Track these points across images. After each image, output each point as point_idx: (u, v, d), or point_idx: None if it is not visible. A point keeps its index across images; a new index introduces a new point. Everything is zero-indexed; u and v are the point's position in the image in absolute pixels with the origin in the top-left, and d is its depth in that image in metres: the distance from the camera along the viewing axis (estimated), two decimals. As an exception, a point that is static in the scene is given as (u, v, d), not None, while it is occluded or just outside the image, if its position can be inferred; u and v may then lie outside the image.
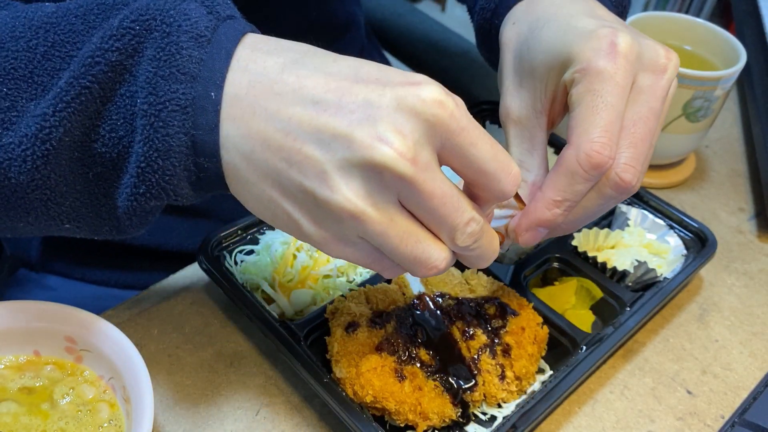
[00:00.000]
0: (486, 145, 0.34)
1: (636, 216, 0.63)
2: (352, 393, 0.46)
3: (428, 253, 0.35)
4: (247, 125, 0.33)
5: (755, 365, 0.56)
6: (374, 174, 0.31)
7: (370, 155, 0.31)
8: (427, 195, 0.32)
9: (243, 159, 0.34)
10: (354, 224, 0.33)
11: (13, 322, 0.45)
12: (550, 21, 0.45)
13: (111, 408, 0.44)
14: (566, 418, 0.51)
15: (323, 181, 0.32)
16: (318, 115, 0.32)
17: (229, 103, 0.34)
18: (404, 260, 0.35)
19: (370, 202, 0.32)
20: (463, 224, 0.34)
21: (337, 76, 0.33)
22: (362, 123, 0.31)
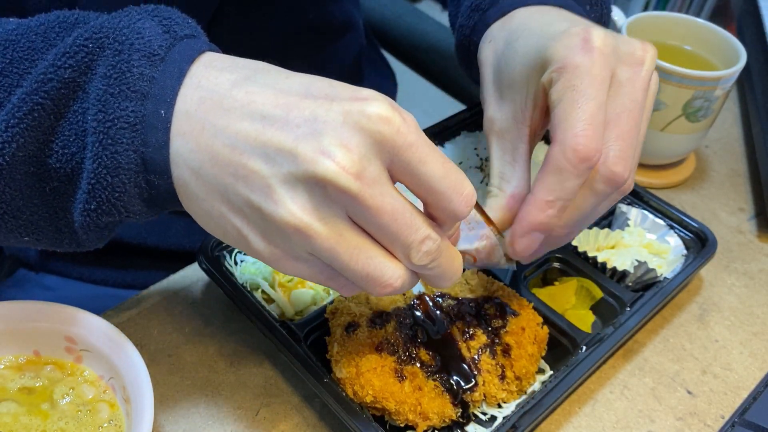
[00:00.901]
0: (436, 163, 0.33)
1: (636, 216, 0.63)
2: (352, 393, 0.46)
3: (381, 270, 0.34)
4: (196, 140, 0.34)
5: (755, 365, 0.56)
6: (318, 188, 0.31)
7: (313, 169, 0.31)
8: (375, 210, 0.32)
9: (192, 174, 0.34)
10: (301, 239, 0.32)
11: (12, 322, 0.45)
12: (524, 32, 0.45)
13: (111, 408, 0.44)
14: (566, 418, 0.51)
15: (268, 195, 0.32)
16: (264, 129, 0.32)
17: (180, 119, 0.34)
18: (357, 277, 0.34)
19: (316, 217, 0.32)
20: (417, 242, 0.33)
21: (287, 92, 0.33)
22: (307, 137, 0.31)
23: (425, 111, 2.74)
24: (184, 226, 0.68)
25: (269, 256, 0.35)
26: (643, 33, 0.71)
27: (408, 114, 0.33)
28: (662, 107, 0.67)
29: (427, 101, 2.42)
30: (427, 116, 2.50)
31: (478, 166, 0.64)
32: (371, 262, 0.34)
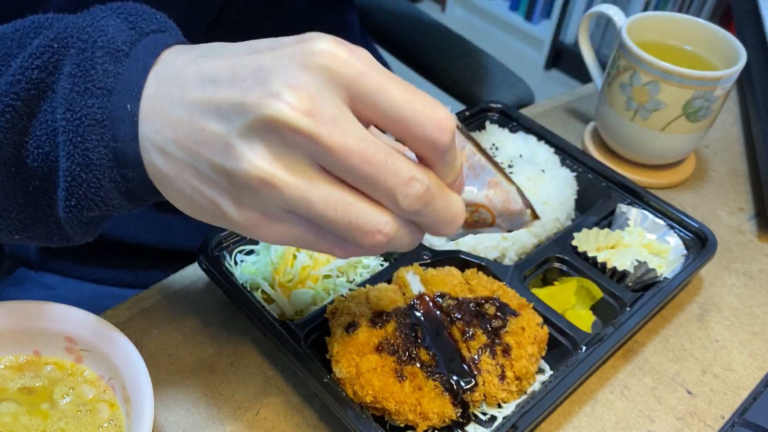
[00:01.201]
0: (396, 88, 0.30)
1: (636, 216, 0.63)
2: (352, 393, 0.46)
3: (365, 216, 0.32)
4: (158, 119, 0.34)
5: (755, 365, 0.56)
6: (273, 133, 0.30)
7: (261, 113, 0.30)
8: (339, 151, 0.30)
9: (160, 154, 0.34)
10: (270, 193, 0.31)
11: (12, 322, 0.45)
12: None
13: (111, 408, 0.44)
14: (566, 419, 0.51)
15: (229, 153, 0.31)
16: (215, 90, 0.32)
17: (143, 107, 0.34)
18: (339, 228, 0.32)
19: (280, 165, 0.31)
20: (401, 184, 0.31)
21: (234, 54, 0.33)
22: (254, 87, 0.30)
23: (425, 111, 2.72)
24: (184, 226, 0.68)
25: (246, 223, 0.33)
26: (643, 33, 0.71)
27: (359, 48, 0.31)
28: (662, 107, 0.67)
29: (427, 101, 2.40)
30: (427, 116, 2.45)
31: (478, 166, 0.64)
32: (351, 209, 0.31)
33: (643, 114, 0.69)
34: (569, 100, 0.87)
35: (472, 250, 0.59)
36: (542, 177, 0.64)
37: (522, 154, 0.66)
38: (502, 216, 0.39)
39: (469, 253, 0.58)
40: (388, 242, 0.33)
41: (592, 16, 0.74)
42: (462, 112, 0.74)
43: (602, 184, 0.67)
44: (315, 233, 0.34)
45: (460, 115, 0.74)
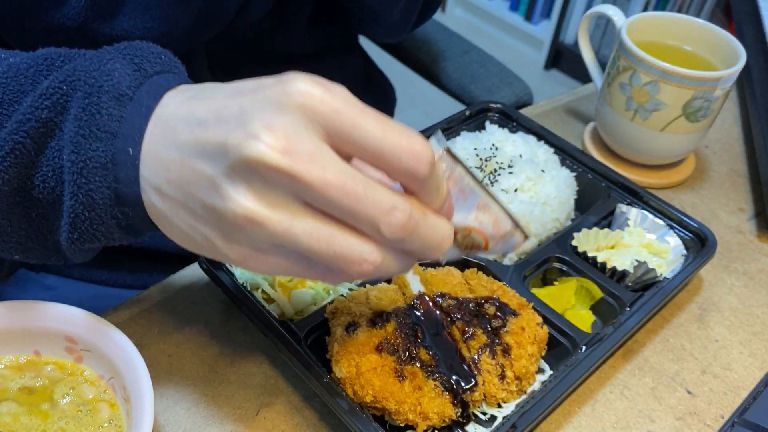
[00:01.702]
0: (372, 124, 0.32)
1: (636, 216, 0.64)
2: (352, 393, 0.46)
3: (349, 247, 0.32)
4: (153, 161, 0.35)
5: (755, 365, 0.56)
6: (254, 173, 0.31)
7: (241, 154, 0.31)
8: (318, 186, 0.31)
9: (156, 193, 0.36)
10: (255, 229, 0.32)
11: (13, 322, 0.45)
12: None
13: (111, 408, 0.44)
14: (566, 418, 0.51)
15: (216, 192, 0.32)
16: (201, 132, 0.33)
17: (143, 150, 0.36)
18: (326, 259, 0.33)
19: (263, 203, 0.32)
20: (382, 214, 0.32)
21: (220, 96, 0.34)
22: (235, 128, 0.32)
23: (425, 111, 2.76)
24: None
25: (237, 257, 0.35)
26: (643, 33, 0.71)
27: (335, 85, 0.32)
28: (662, 107, 0.67)
29: (427, 102, 2.42)
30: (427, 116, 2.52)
31: (478, 167, 0.64)
32: (335, 240, 0.32)
33: (643, 114, 0.69)
34: (569, 100, 0.87)
35: (472, 250, 0.59)
36: (542, 177, 0.64)
37: (522, 154, 0.66)
38: (494, 239, 0.39)
39: (469, 253, 0.58)
40: (376, 270, 0.34)
41: (592, 16, 0.75)
42: (462, 112, 0.74)
43: (602, 184, 0.67)
44: (304, 264, 0.35)
45: (460, 115, 0.74)
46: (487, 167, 0.64)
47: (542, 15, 2.66)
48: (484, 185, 0.38)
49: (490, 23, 2.85)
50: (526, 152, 0.66)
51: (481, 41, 1.10)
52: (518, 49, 2.75)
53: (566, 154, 0.70)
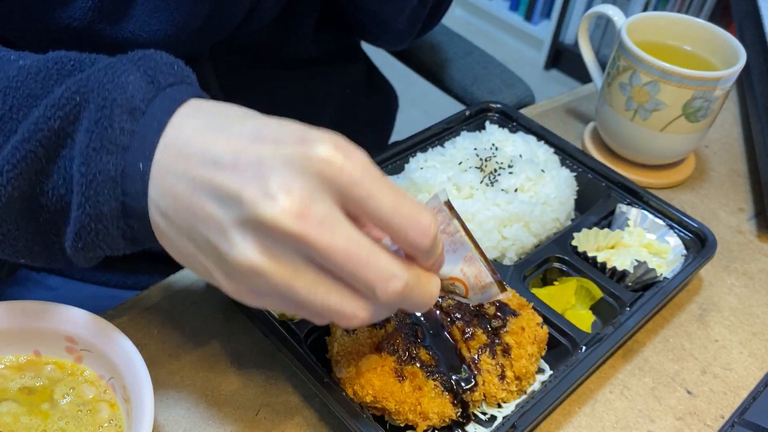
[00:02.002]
0: (385, 197, 0.33)
1: (636, 216, 0.64)
2: (352, 393, 0.46)
3: (341, 304, 0.34)
4: (162, 185, 0.35)
5: (755, 365, 0.56)
6: (266, 230, 0.32)
7: (256, 212, 0.31)
8: (325, 250, 0.32)
9: (162, 216, 0.36)
10: (256, 278, 0.33)
11: (13, 322, 0.45)
12: None
13: (111, 408, 0.44)
14: (566, 418, 0.51)
15: (223, 237, 0.33)
16: (216, 174, 0.33)
17: (152, 167, 0.36)
18: (320, 310, 0.34)
19: (268, 257, 0.32)
20: (381, 281, 0.33)
21: (239, 136, 0.34)
22: (252, 181, 0.32)
23: (426, 111, 2.76)
24: None
25: (234, 292, 0.36)
26: (643, 33, 0.71)
27: (356, 151, 0.33)
28: (662, 107, 0.67)
29: (427, 102, 2.42)
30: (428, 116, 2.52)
31: (478, 167, 0.64)
32: (330, 297, 0.34)
33: (643, 114, 0.69)
34: (569, 100, 0.87)
35: (472, 250, 0.59)
36: (542, 177, 0.64)
37: (522, 154, 0.66)
38: (474, 290, 0.41)
39: (469, 253, 0.58)
40: (364, 321, 0.35)
41: (592, 16, 0.75)
42: (462, 112, 0.74)
43: (602, 184, 0.67)
44: (297, 308, 0.36)
45: (460, 115, 0.74)
46: (487, 167, 0.64)
47: (542, 15, 2.66)
48: (475, 239, 0.40)
49: (490, 23, 2.85)
50: (526, 152, 0.67)
51: (481, 41, 1.10)
52: (518, 49, 2.75)
53: (566, 154, 0.70)
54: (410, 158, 0.68)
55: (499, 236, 0.60)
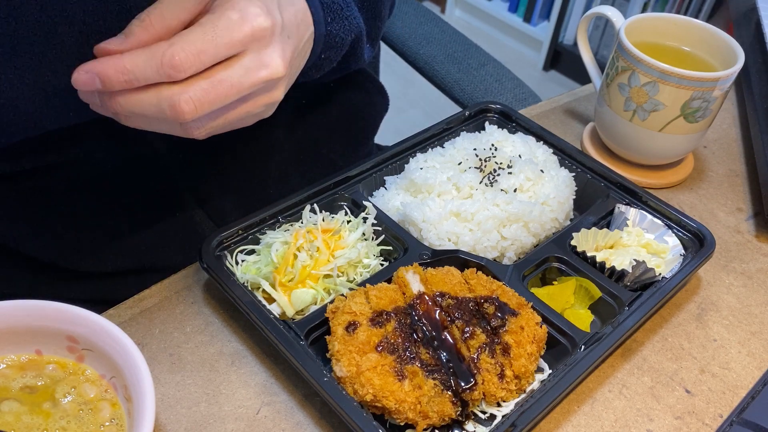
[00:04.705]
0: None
1: (635, 216, 0.64)
2: (353, 392, 0.46)
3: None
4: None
5: (753, 364, 0.56)
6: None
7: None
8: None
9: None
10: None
11: (14, 321, 0.45)
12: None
13: (112, 407, 0.44)
14: (565, 417, 0.51)
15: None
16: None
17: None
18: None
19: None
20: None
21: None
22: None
23: (426, 112, 2.75)
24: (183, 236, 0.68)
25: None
26: (642, 34, 0.72)
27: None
28: (661, 108, 0.67)
29: (427, 102, 2.42)
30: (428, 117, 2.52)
31: (478, 167, 0.65)
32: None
33: (642, 114, 0.69)
34: (568, 100, 0.87)
35: (471, 249, 0.59)
36: (541, 177, 0.64)
37: (521, 155, 0.66)
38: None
39: (468, 253, 0.58)
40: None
41: (591, 17, 0.75)
42: (462, 112, 0.74)
43: (601, 185, 0.67)
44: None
45: (460, 115, 0.74)
46: (487, 167, 0.64)
47: (541, 16, 2.66)
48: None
49: (489, 24, 2.85)
50: (525, 152, 0.67)
51: (481, 42, 1.11)
52: (517, 50, 2.75)
53: (565, 154, 0.70)
54: (410, 158, 0.68)
55: (498, 236, 0.60)
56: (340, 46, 0.58)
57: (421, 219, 0.60)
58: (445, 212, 0.60)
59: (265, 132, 0.70)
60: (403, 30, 1.05)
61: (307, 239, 0.56)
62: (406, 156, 0.69)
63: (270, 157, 0.71)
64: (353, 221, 0.61)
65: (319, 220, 0.59)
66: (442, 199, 0.62)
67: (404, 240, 0.59)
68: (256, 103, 0.47)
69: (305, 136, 0.73)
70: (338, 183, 0.64)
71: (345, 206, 0.63)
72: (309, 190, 0.62)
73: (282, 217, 0.60)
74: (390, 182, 0.67)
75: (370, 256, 0.59)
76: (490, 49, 1.08)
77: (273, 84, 0.47)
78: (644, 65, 0.66)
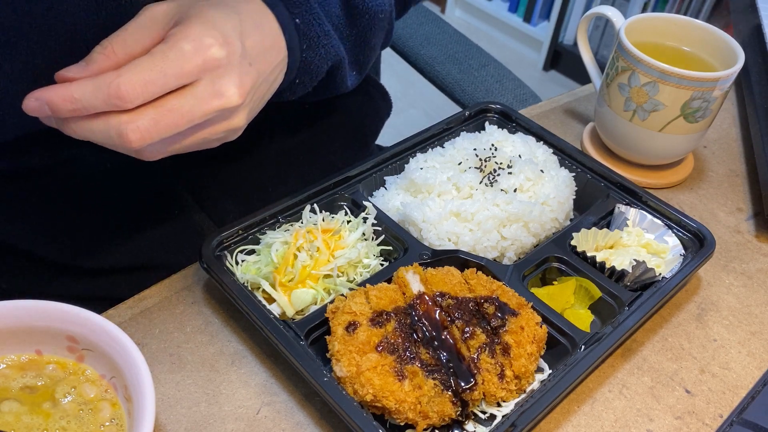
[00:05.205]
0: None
1: (635, 216, 0.64)
2: (353, 392, 0.46)
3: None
4: None
5: (753, 364, 0.56)
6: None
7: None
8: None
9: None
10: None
11: (14, 321, 0.45)
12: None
13: (112, 407, 0.44)
14: (565, 417, 0.51)
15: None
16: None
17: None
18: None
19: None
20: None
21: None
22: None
23: (426, 112, 2.75)
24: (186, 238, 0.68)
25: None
26: (642, 34, 0.72)
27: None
28: (661, 108, 0.67)
29: (427, 102, 2.42)
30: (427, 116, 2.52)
31: (478, 167, 0.65)
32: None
33: (642, 114, 0.69)
34: (568, 101, 0.87)
35: (471, 249, 0.59)
36: (541, 177, 0.64)
37: (521, 155, 0.66)
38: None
39: (468, 253, 0.58)
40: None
41: (591, 17, 0.75)
42: (462, 112, 0.74)
43: (601, 185, 0.67)
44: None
45: (460, 115, 0.74)
46: (487, 167, 0.64)
47: (541, 16, 2.66)
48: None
49: (489, 24, 2.85)
50: (525, 152, 0.67)
51: (481, 42, 1.11)
52: (517, 50, 2.75)
53: (565, 154, 0.70)
54: (410, 158, 0.68)
55: (498, 236, 0.60)
56: (315, 73, 0.58)
57: (421, 219, 0.60)
58: (445, 212, 0.60)
59: (266, 135, 0.70)
60: (403, 30, 1.05)
61: (307, 239, 0.56)
62: (406, 156, 0.69)
63: (271, 159, 0.71)
64: (353, 221, 0.61)
65: (319, 220, 0.59)
66: (442, 199, 0.62)
67: (404, 240, 0.59)
68: (214, 130, 0.47)
69: (308, 140, 0.74)
70: (338, 183, 0.64)
71: (345, 206, 0.63)
72: (309, 190, 0.62)
73: (282, 217, 0.60)
74: (390, 182, 0.67)
75: (370, 256, 0.59)
76: (490, 50, 1.08)
77: (229, 113, 0.46)
78: (644, 65, 0.66)
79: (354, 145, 0.80)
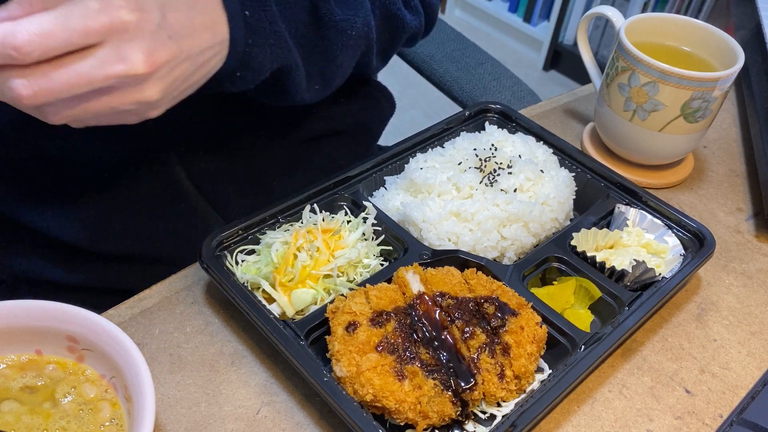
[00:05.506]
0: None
1: (635, 216, 0.64)
2: (353, 392, 0.46)
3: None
4: None
5: (753, 364, 0.56)
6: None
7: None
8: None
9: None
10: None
11: (14, 321, 0.45)
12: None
13: (112, 407, 0.44)
14: (565, 417, 0.51)
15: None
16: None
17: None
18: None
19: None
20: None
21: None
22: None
23: (426, 112, 2.75)
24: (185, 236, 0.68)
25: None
26: (642, 34, 0.72)
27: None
28: (661, 108, 0.67)
29: (427, 102, 2.41)
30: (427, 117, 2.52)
31: (478, 167, 0.65)
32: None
33: (642, 114, 0.69)
34: (568, 101, 0.87)
35: (471, 249, 0.59)
36: (541, 177, 0.64)
37: (521, 155, 0.66)
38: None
39: (468, 253, 0.58)
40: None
41: (591, 17, 0.75)
42: (462, 112, 0.74)
43: (601, 185, 0.67)
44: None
45: (460, 115, 0.74)
46: (487, 167, 0.64)
47: (541, 16, 2.66)
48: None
49: (489, 24, 2.85)
50: (525, 152, 0.67)
51: (481, 42, 1.11)
52: (517, 50, 2.75)
53: (565, 154, 0.70)
54: (410, 158, 0.68)
55: (498, 236, 0.60)
56: (258, 71, 0.56)
57: (421, 219, 0.60)
58: (445, 212, 0.60)
59: (269, 132, 0.70)
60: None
61: (307, 239, 0.56)
62: (406, 156, 0.69)
63: (278, 155, 0.71)
64: (353, 221, 0.61)
65: (319, 220, 0.59)
66: (442, 199, 0.62)
67: (404, 240, 0.59)
68: (122, 99, 0.44)
69: (313, 139, 0.74)
70: (338, 183, 0.64)
71: (345, 206, 0.63)
72: (309, 190, 0.62)
73: (282, 217, 0.60)
74: (390, 182, 0.67)
75: (370, 256, 0.59)
76: (490, 49, 1.08)
77: (136, 80, 0.43)
78: (644, 65, 0.66)
79: (358, 146, 0.80)
